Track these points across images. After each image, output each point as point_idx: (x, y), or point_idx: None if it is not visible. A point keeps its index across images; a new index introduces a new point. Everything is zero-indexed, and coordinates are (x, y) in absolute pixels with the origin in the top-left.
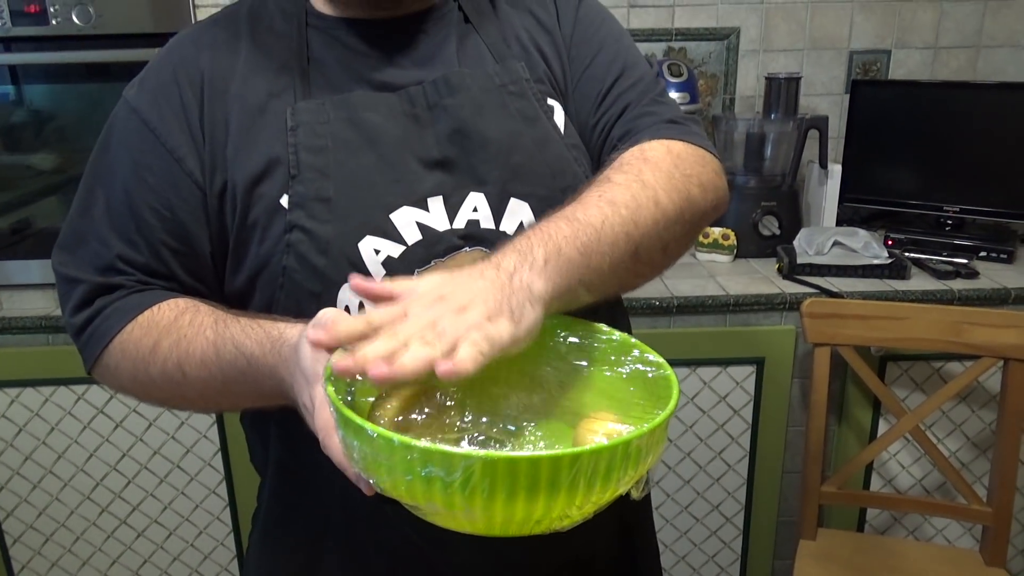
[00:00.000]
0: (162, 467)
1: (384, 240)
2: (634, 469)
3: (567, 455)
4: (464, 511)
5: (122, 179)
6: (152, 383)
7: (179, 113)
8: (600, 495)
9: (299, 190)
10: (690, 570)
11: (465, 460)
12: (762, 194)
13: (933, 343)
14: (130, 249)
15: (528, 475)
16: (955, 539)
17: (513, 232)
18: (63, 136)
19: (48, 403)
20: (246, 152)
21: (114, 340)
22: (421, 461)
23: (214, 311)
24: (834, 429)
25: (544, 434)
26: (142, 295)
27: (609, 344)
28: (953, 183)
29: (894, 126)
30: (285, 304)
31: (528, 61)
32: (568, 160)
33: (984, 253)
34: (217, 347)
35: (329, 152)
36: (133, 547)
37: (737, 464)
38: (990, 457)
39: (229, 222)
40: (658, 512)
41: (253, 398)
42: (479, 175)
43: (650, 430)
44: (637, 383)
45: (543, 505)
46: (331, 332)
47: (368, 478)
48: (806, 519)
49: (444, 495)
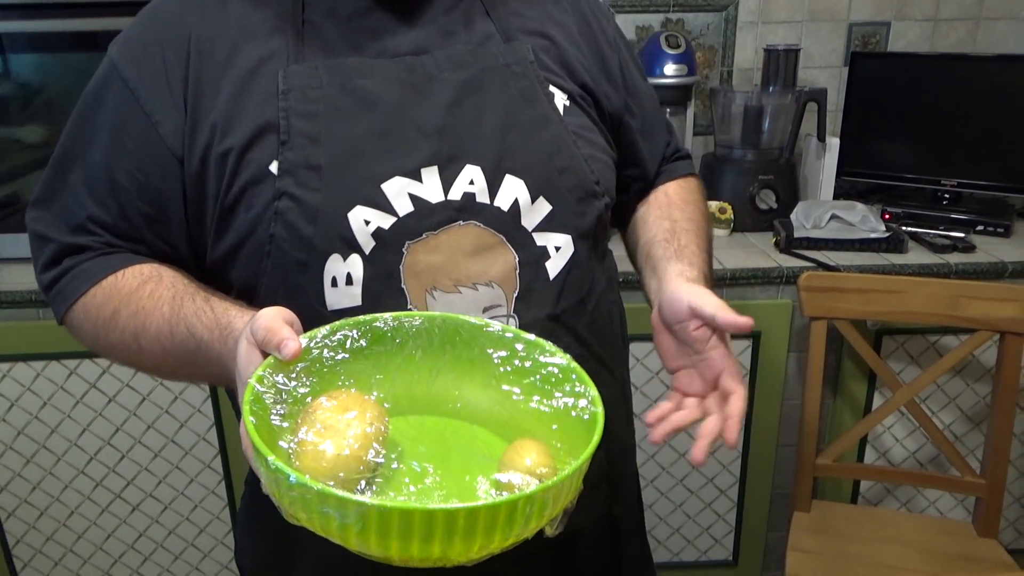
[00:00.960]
0: (156, 441)
1: (374, 210)
2: (537, 519)
3: (462, 511)
4: (360, 547)
5: (99, 140)
6: (112, 347)
7: (160, 75)
8: (502, 541)
9: (289, 156)
10: (684, 542)
11: (358, 507)
12: (759, 168)
13: (929, 317)
14: (101, 211)
15: (422, 525)
16: (948, 511)
17: (508, 208)
18: (51, 108)
19: (40, 378)
20: (236, 118)
21: (77, 301)
22: (317, 501)
23: (175, 284)
24: (829, 403)
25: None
26: (108, 258)
27: (546, 373)
28: (951, 157)
29: (893, 99)
30: (271, 273)
31: (534, 46)
32: (567, 143)
33: (981, 227)
34: (171, 325)
35: (321, 118)
36: (128, 521)
37: None
38: (983, 430)
39: (212, 188)
40: (653, 485)
41: (205, 377)
42: (476, 149)
43: (554, 484)
44: (561, 421)
45: (439, 549)
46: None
47: (275, 503)
48: (800, 491)
49: (341, 533)
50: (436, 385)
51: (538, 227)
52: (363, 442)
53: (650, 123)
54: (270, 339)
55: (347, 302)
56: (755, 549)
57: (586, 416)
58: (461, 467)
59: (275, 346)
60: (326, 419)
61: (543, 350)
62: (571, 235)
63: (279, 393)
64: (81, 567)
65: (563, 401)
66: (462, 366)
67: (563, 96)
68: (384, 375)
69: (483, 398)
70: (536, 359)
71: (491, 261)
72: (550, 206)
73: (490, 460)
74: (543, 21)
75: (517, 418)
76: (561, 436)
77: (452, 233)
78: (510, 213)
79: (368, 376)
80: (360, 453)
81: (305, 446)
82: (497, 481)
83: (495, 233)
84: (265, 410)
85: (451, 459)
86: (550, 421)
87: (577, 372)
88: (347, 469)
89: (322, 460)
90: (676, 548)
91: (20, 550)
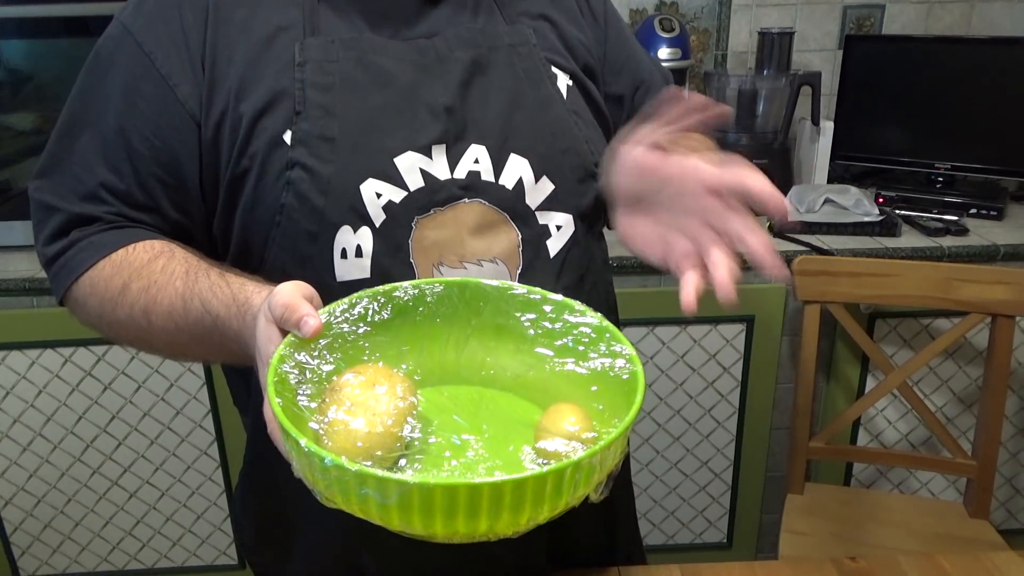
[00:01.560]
0: (152, 428)
1: (386, 184)
2: (585, 485)
3: (508, 482)
4: (403, 526)
5: (112, 104)
6: (119, 324)
7: (178, 37)
8: (550, 511)
9: (303, 127)
10: (679, 525)
11: (399, 486)
12: (754, 151)
13: (922, 300)
14: (115, 177)
15: (468, 500)
16: (939, 492)
17: (512, 187)
18: (42, 95)
19: (35, 366)
20: (252, 84)
21: (84, 274)
22: (356, 483)
23: (188, 259)
24: (822, 386)
25: (508, 415)
26: (120, 232)
27: (578, 333)
28: (945, 140)
29: (887, 82)
30: (280, 242)
31: (536, 28)
32: (569, 123)
33: (974, 210)
34: (185, 300)
35: (336, 91)
36: (125, 508)
37: (726, 421)
38: (975, 412)
39: (226, 154)
40: (648, 469)
41: (221, 355)
42: (481, 128)
43: (601, 448)
44: (600, 382)
45: (486, 524)
46: (314, 328)
47: (309, 486)
48: (794, 474)
49: (381, 513)
50: (465, 354)
51: (541, 206)
52: (396, 417)
53: (656, 95)
54: (289, 317)
55: (356, 273)
56: (749, 531)
57: (625, 376)
58: (501, 436)
59: (295, 324)
60: (355, 396)
61: (572, 310)
62: (572, 214)
63: (303, 372)
64: (79, 554)
65: (600, 362)
66: (490, 332)
67: (565, 77)
68: (410, 346)
69: (515, 364)
70: (566, 320)
71: (495, 238)
72: (553, 185)
73: (529, 427)
74: (544, 5)
75: (553, 382)
76: (601, 397)
77: (458, 210)
78: (514, 191)
79: (394, 348)
80: (394, 429)
81: (336, 426)
82: (541, 449)
83: (499, 211)
84: (290, 391)
85: (490, 429)
86: (588, 383)
87: (611, 331)
88: (382, 447)
89: (355, 439)
90: (671, 531)
91: (18, 537)
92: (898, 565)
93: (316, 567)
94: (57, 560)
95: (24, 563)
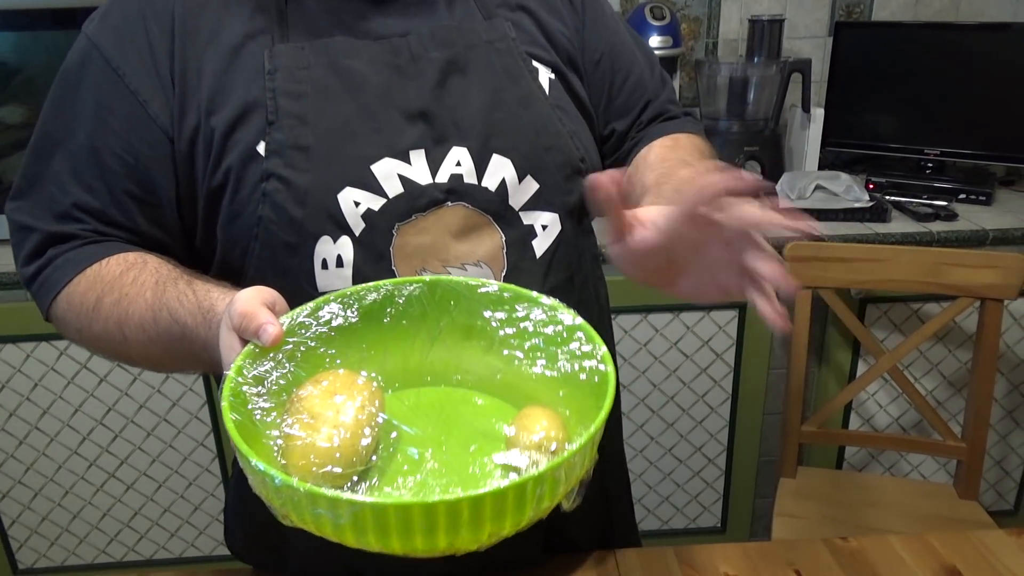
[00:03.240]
0: (149, 421)
1: (364, 192)
2: (551, 497)
3: (465, 500)
4: (358, 545)
5: (83, 122)
6: (96, 339)
7: (145, 52)
8: (514, 526)
9: (277, 137)
10: (673, 510)
11: (352, 506)
12: (744, 139)
13: (912, 284)
14: (89, 196)
15: (423, 519)
16: (930, 475)
17: (495, 188)
18: (30, 88)
19: (30, 359)
20: (221, 96)
21: (62, 291)
22: (308, 502)
23: (159, 270)
24: (814, 371)
25: (473, 420)
26: (96, 247)
27: (550, 332)
28: (934, 126)
29: (877, 68)
30: (260, 255)
31: (515, 21)
32: (552, 119)
33: (963, 195)
34: (155, 312)
35: (308, 99)
36: (123, 500)
37: (719, 407)
38: (965, 395)
39: (200, 169)
40: (642, 455)
41: (195, 364)
42: (461, 130)
43: (564, 460)
44: (570, 385)
45: (445, 541)
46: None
47: (266, 504)
48: (786, 458)
49: (336, 532)
50: (432, 355)
51: (525, 206)
52: (354, 429)
53: (633, 83)
54: (247, 325)
55: (338, 284)
56: (743, 515)
57: (596, 378)
58: (463, 445)
59: (253, 333)
60: (313, 407)
61: (544, 307)
62: (558, 213)
63: (261, 383)
64: (77, 546)
65: (570, 364)
66: (459, 333)
67: (547, 71)
68: (375, 350)
69: (483, 365)
70: (536, 319)
71: (478, 241)
72: (537, 184)
73: (495, 433)
74: None
75: (521, 384)
76: (569, 402)
77: (440, 215)
78: (498, 193)
79: (357, 353)
80: (352, 442)
81: (292, 440)
82: (505, 464)
83: (482, 213)
84: (246, 404)
85: (452, 437)
86: (556, 387)
87: (584, 329)
88: (340, 462)
89: (311, 454)
90: (665, 516)
91: (16, 531)
92: (890, 545)
93: (312, 570)
94: (55, 553)
95: (22, 556)
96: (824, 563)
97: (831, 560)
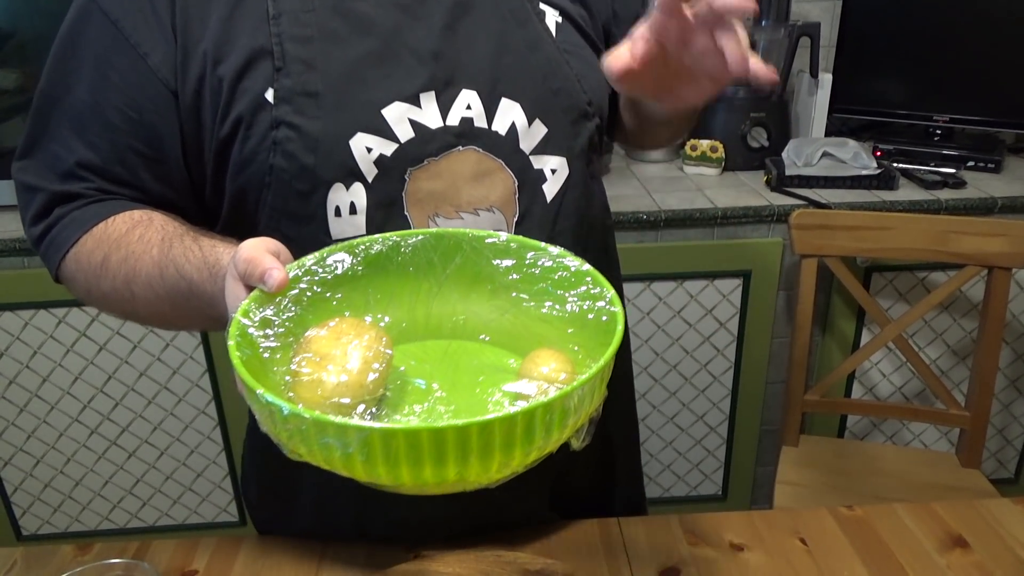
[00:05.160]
0: (149, 388)
1: (376, 137)
2: (559, 428)
3: (474, 425)
4: (368, 477)
5: (84, 78)
6: (104, 297)
7: (144, 3)
8: (523, 457)
9: (285, 84)
10: (675, 478)
11: (360, 433)
12: (751, 105)
13: (919, 252)
14: (92, 153)
15: (432, 445)
16: (931, 443)
17: (505, 132)
18: (24, 53)
19: (28, 327)
20: (228, 44)
21: (70, 251)
22: (315, 432)
23: (165, 227)
24: (818, 340)
25: (480, 362)
26: (101, 205)
27: (557, 278)
28: (944, 91)
29: (887, 33)
30: (272, 204)
31: None
32: (559, 63)
33: (972, 163)
34: (161, 268)
35: (315, 43)
36: (125, 467)
37: (722, 375)
38: (969, 364)
39: (208, 121)
40: (644, 423)
41: (203, 321)
42: (470, 73)
43: (574, 389)
44: (577, 324)
45: (454, 471)
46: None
47: (274, 440)
48: (789, 427)
49: (345, 464)
50: (437, 304)
51: (535, 150)
52: (362, 367)
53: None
54: (252, 271)
55: (351, 231)
56: (744, 483)
57: (604, 317)
58: (472, 378)
59: (259, 278)
60: (321, 347)
61: (550, 255)
62: (566, 157)
63: (268, 326)
64: (80, 513)
65: (578, 304)
66: (465, 280)
67: (554, 13)
68: (381, 297)
69: (489, 309)
70: (544, 265)
71: (491, 186)
72: (546, 128)
73: (502, 374)
74: None
75: (528, 326)
76: (578, 339)
77: (452, 159)
78: (508, 137)
79: (362, 300)
80: (359, 378)
81: (300, 376)
82: (513, 392)
83: (494, 158)
84: (254, 346)
85: (461, 372)
86: (565, 325)
87: (591, 274)
88: (348, 396)
89: (319, 389)
90: (667, 484)
91: (19, 497)
92: (895, 513)
93: (319, 524)
94: (58, 519)
95: (26, 523)
96: (829, 531)
97: (836, 528)
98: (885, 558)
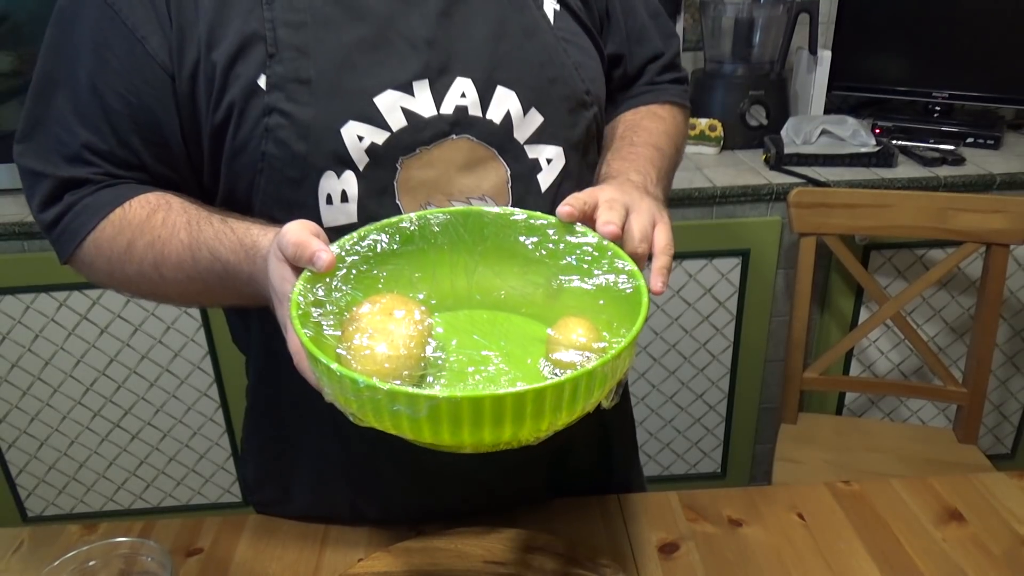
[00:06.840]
0: (151, 371)
1: (368, 126)
2: (600, 390)
3: (530, 392)
4: (433, 439)
5: (82, 60)
6: (130, 280)
7: None
8: (568, 417)
9: (277, 70)
10: (674, 456)
11: (429, 401)
12: (750, 83)
13: (918, 230)
14: (96, 137)
15: (492, 410)
16: (928, 420)
17: (500, 121)
18: (18, 36)
19: (29, 310)
20: (221, 29)
21: (87, 238)
22: (387, 400)
23: (186, 210)
24: (816, 318)
25: (522, 332)
26: (113, 190)
27: (580, 252)
28: (943, 67)
29: (886, 8)
30: (265, 190)
31: None
32: (556, 51)
33: (971, 139)
34: (193, 251)
35: (309, 29)
36: (128, 449)
37: (721, 354)
38: (967, 341)
39: (203, 106)
40: (644, 402)
41: (236, 299)
42: (465, 61)
43: (614, 356)
44: (606, 296)
45: (510, 431)
46: (327, 261)
47: (341, 409)
48: (787, 404)
49: (412, 428)
50: (475, 278)
51: (530, 139)
52: (417, 339)
53: (639, 28)
54: (301, 253)
55: (343, 219)
56: (743, 461)
57: (629, 289)
58: (518, 352)
59: (307, 259)
60: (375, 323)
61: (573, 231)
62: (562, 146)
63: (321, 305)
64: (85, 494)
65: (604, 278)
66: (497, 256)
67: (552, 0)
68: (422, 273)
69: (524, 284)
70: (568, 240)
71: (483, 175)
72: (542, 117)
73: (542, 343)
74: None
75: (560, 299)
76: (608, 310)
77: (445, 148)
78: (502, 126)
79: (406, 277)
80: (416, 351)
81: (360, 351)
82: (557, 360)
83: (487, 147)
84: (313, 323)
85: (507, 345)
86: (595, 298)
87: (612, 248)
88: (408, 367)
89: (381, 362)
90: (666, 462)
91: (24, 479)
92: (891, 488)
93: (316, 507)
94: (63, 501)
95: (31, 504)
96: (827, 506)
97: (833, 503)
98: (882, 532)
